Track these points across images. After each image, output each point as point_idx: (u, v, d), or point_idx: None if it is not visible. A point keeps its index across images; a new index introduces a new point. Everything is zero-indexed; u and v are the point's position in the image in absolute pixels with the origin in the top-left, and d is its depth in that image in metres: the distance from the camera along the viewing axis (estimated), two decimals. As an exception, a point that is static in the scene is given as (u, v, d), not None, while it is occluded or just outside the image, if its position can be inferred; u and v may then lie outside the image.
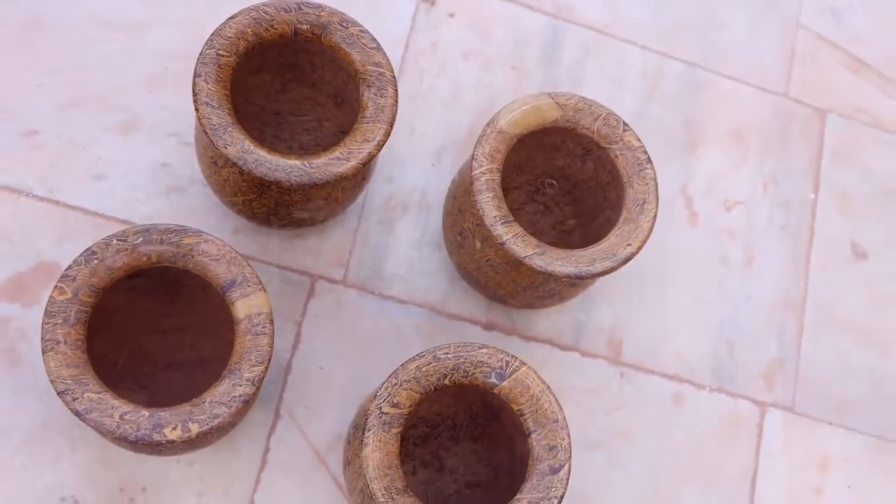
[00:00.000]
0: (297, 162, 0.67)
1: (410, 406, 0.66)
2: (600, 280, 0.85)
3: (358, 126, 0.70)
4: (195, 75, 0.67)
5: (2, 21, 0.79)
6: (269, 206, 0.72)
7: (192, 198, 0.79)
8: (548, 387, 0.67)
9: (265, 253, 0.79)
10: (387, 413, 0.65)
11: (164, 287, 0.71)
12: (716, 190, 0.90)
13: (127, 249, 0.64)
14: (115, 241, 0.64)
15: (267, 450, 0.75)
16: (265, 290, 0.65)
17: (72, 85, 0.79)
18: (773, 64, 0.95)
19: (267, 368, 0.63)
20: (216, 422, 0.61)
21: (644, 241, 0.72)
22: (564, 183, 0.82)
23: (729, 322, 0.87)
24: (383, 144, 0.69)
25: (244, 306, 0.64)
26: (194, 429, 0.61)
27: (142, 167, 0.78)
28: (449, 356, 0.67)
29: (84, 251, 0.63)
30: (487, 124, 0.72)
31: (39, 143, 0.77)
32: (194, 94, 0.67)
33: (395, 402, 0.65)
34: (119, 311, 0.71)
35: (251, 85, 0.78)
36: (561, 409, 0.67)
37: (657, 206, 0.73)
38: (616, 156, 0.74)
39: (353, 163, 0.68)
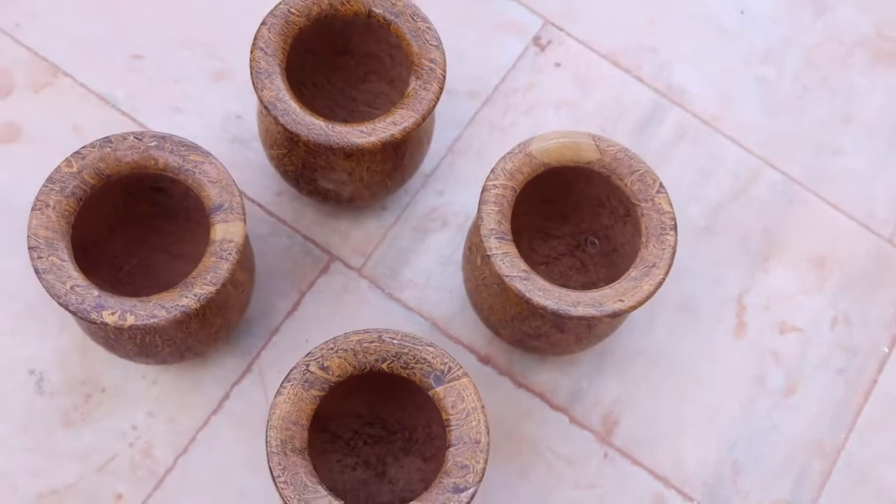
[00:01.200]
0: (321, 122, 0.70)
1: (339, 376, 0.65)
2: (615, 351, 0.81)
3: (393, 109, 0.72)
4: (261, 23, 0.72)
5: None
6: (297, 165, 0.75)
7: (250, 152, 0.83)
8: (482, 406, 0.65)
9: (297, 220, 0.82)
10: (312, 372, 0.65)
11: (186, 214, 0.75)
12: (775, 309, 0.84)
13: (140, 148, 0.68)
14: (131, 137, 0.68)
15: (226, 396, 0.76)
16: (244, 222, 0.67)
17: (188, 28, 0.87)
18: (884, 204, 0.89)
19: (218, 292, 0.65)
20: (151, 321, 0.64)
21: (639, 303, 0.68)
22: (606, 244, 0.80)
23: (744, 444, 0.80)
24: (409, 131, 0.71)
25: (221, 230, 0.67)
26: (129, 320, 0.63)
27: (218, 113, 0.84)
28: (394, 342, 0.66)
29: (101, 138, 0.68)
30: (519, 144, 0.72)
31: (140, 66, 0.85)
32: (254, 39, 0.72)
33: (324, 365, 0.65)
34: (141, 221, 0.76)
35: (336, 65, 0.82)
36: (488, 433, 0.64)
37: (665, 275, 0.70)
38: (642, 214, 0.72)
39: (372, 139, 0.70)
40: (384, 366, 0.66)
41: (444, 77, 0.73)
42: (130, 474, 0.73)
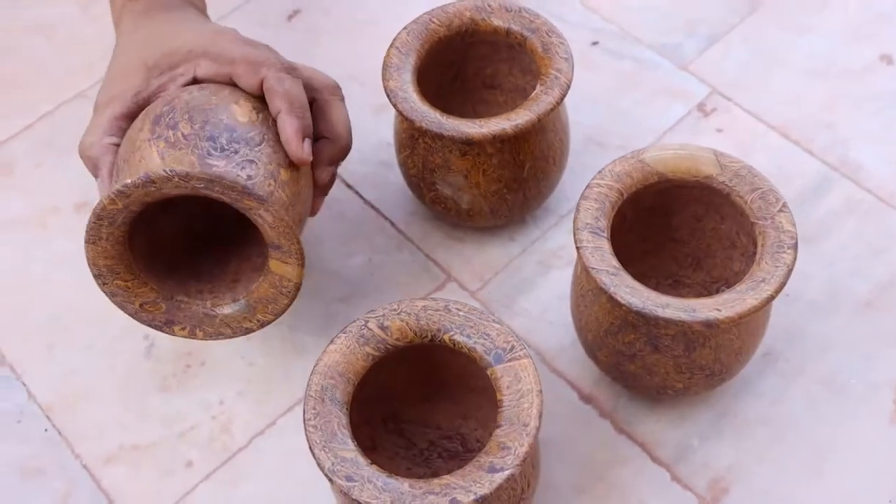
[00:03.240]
0: (437, 113, 0.71)
1: (398, 339, 0.62)
2: (737, 412, 0.72)
3: (513, 110, 0.71)
4: (403, 29, 0.76)
5: (344, 13, 0.97)
6: (419, 166, 0.76)
7: (393, 175, 0.85)
8: (539, 390, 0.59)
9: (423, 240, 0.82)
10: (370, 329, 0.62)
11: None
12: (946, 400, 0.71)
13: (186, 188, 0.63)
14: (175, 178, 0.62)
15: (314, 389, 0.75)
16: (303, 266, 0.65)
17: (361, 68, 0.92)
18: None
19: (275, 319, 0.68)
20: (219, 339, 0.68)
21: (738, 317, 0.61)
22: (739, 294, 0.73)
23: (886, 545, 0.66)
24: (522, 129, 0.70)
25: (279, 268, 0.65)
26: (199, 335, 0.68)
27: (372, 139, 0.88)
28: (461, 313, 0.63)
29: (143, 177, 0.61)
30: (634, 151, 0.69)
31: (312, 96, 0.92)
32: (392, 42, 0.75)
33: (384, 324, 0.63)
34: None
35: (485, 99, 0.84)
36: (540, 417, 0.58)
37: (776, 293, 0.62)
38: (760, 232, 0.65)
39: (483, 130, 0.70)
40: (445, 337, 0.62)
41: (568, 85, 0.72)
42: (206, 445, 0.73)
